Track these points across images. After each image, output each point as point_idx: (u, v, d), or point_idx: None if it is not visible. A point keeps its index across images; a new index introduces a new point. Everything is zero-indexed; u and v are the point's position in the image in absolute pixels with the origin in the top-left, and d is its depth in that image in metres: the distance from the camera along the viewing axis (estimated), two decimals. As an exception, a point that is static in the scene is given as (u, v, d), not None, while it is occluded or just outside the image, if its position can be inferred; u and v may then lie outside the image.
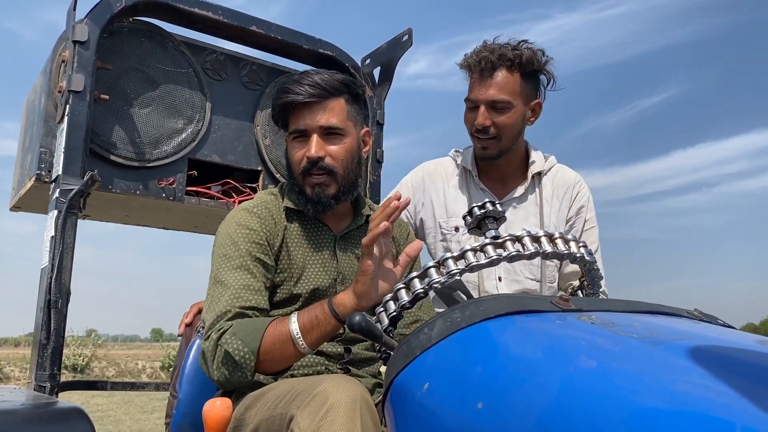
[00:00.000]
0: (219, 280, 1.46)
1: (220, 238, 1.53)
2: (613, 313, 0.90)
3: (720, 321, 1.02)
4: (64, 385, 1.88)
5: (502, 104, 1.89)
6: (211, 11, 2.08)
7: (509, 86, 1.90)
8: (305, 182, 1.55)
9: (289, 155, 1.60)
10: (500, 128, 1.91)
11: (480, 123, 1.90)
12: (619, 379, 0.67)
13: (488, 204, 1.15)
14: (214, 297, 1.45)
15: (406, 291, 1.03)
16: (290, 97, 1.54)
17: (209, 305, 1.45)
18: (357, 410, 1.05)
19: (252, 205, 1.57)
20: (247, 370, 1.33)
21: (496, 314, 0.85)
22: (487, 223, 1.13)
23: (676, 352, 0.72)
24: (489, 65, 1.88)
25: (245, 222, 1.52)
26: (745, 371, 0.68)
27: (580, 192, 2.06)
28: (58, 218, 1.76)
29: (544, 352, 0.76)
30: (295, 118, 1.57)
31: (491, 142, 1.93)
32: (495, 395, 0.73)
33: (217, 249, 1.52)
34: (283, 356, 1.34)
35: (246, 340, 1.33)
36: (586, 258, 1.11)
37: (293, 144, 1.58)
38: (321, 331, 1.32)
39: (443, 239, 2.03)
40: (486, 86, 1.89)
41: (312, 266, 1.56)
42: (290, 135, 1.58)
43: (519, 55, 1.89)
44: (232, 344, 1.34)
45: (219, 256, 1.49)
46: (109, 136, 1.97)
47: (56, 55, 1.96)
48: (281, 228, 1.56)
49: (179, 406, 1.66)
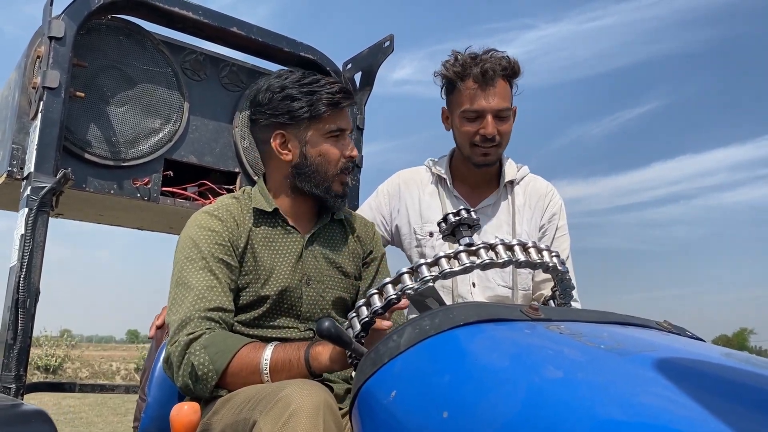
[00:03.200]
0: (182, 282, 1.44)
1: (182, 242, 1.51)
2: (582, 324, 0.90)
3: (688, 333, 1.02)
4: (30, 387, 1.85)
5: (505, 112, 1.95)
6: (191, 11, 2.06)
7: (508, 94, 1.96)
8: (338, 179, 1.59)
9: (327, 152, 1.57)
10: (503, 135, 1.97)
11: (490, 133, 1.93)
12: (585, 390, 0.67)
13: (463, 211, 1.15)
14: (177, 299, 1.43)
15: (379, 297, 1.02)
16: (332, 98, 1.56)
17: (172, 307, 1.43)
18: (320, 416, 1.04)
19: (213, 209, 1.56)
20: (207, 385, 1.34)
21: (465, 322, 0.84)
22: (461, 230, 1.13)
23: (642, 364, 0.72)
24: (492, 75, 1.91)
25: (206, 224, 1.51)
26: (708, 384, 0.68)
27: (552, 200, 2.09)
28: (29, 216, 1.73)
29: (511, 362, 0.76)
30: (338, 117, 1.58)
31: (493, 149, 1.97)
32: (461, 404, 0.73)
33: (179, 252, 1.50)
34: (246, 383, 1.33)
35: (214, 358, 1.33)
36: (558, 268, 1.12)
37: (331, 143, 1.58)
38: (289, 375, 1.31)
39: (418, 245, 2.04)
40: (492, 96, 1.92)
41: (280, 268, 1.54)
42: (329, 133, 1.57)
43: (512, 64, 1.95)
44: (199, 357, 1.33)
45: (181, 259, 1.48)
46: (83, 134, 1.94)
47: (31, 51, 1.93)
48: (245, 230, 1.54)
49: (148, 410, 1.64)
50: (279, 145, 1.57)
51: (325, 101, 1.54)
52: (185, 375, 1.35)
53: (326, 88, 1.56)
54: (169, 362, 1.39)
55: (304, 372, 1.31)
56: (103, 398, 10.06)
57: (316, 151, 1.57)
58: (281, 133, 1.57)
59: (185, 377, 1.35)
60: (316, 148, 1.57)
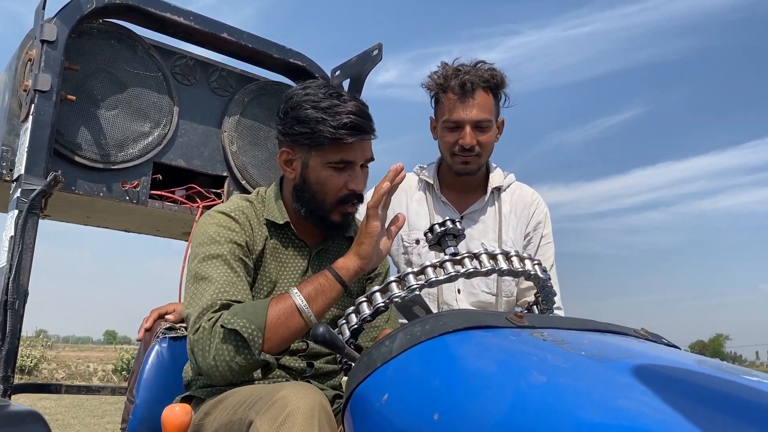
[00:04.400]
0: (202, 276, 1.41)
1: (200, 238, 1.48)
2: (564, 331, 0.94)
3: (664, 340, 1.07)
4: (17, 388, 1.85)
5: (485, 123, 1.99)
6: (182, 16, 2.09)
7: (488, 106, 2.00)
8: (338, 209, 1.53)
9: (326, 181, 1.50)
10: (483, 146, 2.01)
11: (468, 143, 1.97)
12: (567, 394, 0.72)
13: (448, 221, 1.19)
14: (197, 293, 1.39)
15: (368, 304, 1.06)
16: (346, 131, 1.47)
17: (191, 301, 1.39)
18: (315, 417, 1.07)
19: (229, 209, 1.53)
20: (254, 347, 1.28)
21: (454, 329, 0.89)
22: (446, 240, 1.17)
23: (620, 370, 0.77)
24: (471, 87, 1.96)
25: (225, 224, 1.50)
26: (681, 389, 0.73)
27: (538, 208, 2.14)
28: (19, 218, 1.73)
29: (498, 367, 0.80)
30: (342, 150, 1.47)
31: (473, 158, 2.01)
32: (451, 407, 0.77)
33: (197, 248, 1.47)
34: (290, 330, 1.31)
35: (250, 318, 1.29)
36: (540, 276, 1.16)
37: (332, 173, 1.49)
38: (326, 297, 1.33)
39: (405, 252, 2.08)
40: (470, 107, 1.97)
41: (284, 280, 1.55)
42: (331, 163, 1.48)
43: (494, 76, 1.99)
44: (237, 322, 1.29)
45: (200, 255, 1.45)
46: (74, 136, 1.95)
47: (23, 53, 1.94)
48: (262, 238, 1.54)
49: (136, 411, 1.66)
50: (284, 161, 1.56)
51: (328, 134, 1.44)
52: (223, 350, 1.29)
53: (335, 118, 1.44)
54: (196, 350, 1.33)
55: (337, 287, 1.35)
56: (79, 400, 9.96)
57: (315, 178, 1.50)
58: (287, 151, 1.55)
59: (222, 352, 1.29)
60: (315, 174, 1.50)
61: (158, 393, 1.67)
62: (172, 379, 1.66)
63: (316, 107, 1.47)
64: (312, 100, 1.48)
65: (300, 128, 1.48)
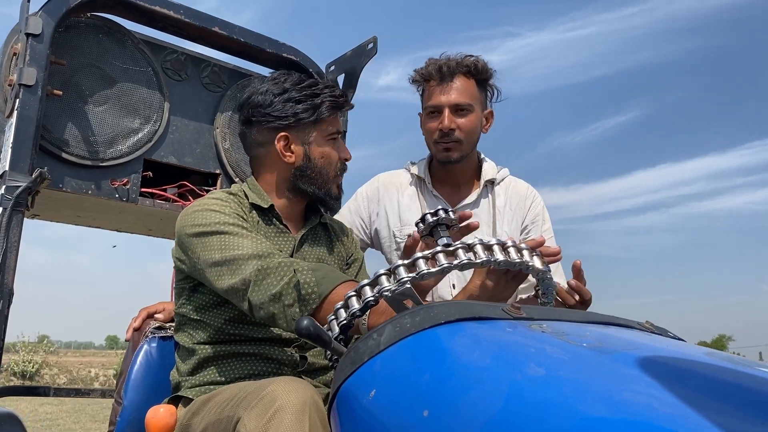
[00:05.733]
0: (228, 245, 1.36)
1: (199, 225, 1.43)
2: (565, 323, 0.89)
3: (670, 333, 1.02)
4: (3, 391, 1.81)
5: (464, 107, 1.96)
6: (172, 10, 2.04)
7: (468, 91, 1.98)
8: (335, 181, 1.63)
9: (329, 154, 1.60)
10: (463, 131, 1.97)
11: (446, 126, 1.95)
12: (567, 387, 0.66)
13: (441, 211, 1.14)
14: (231, 259, 1.33)
15: (357, 299, 1.01)
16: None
17: (231, 266, 1.33)
18: (306, 413, 1.03)
19: (215, 198, 1.51)
20: (306, 307, 1.24)
21: (446, 320, 0.83)
22: (439, 231, 1.12)
23: (624, 362, 0.71)
24: (449, 71, 1.96)
25: (220, 208, 1.47)
26: (689, 382, 0.68)
27: (534, 201, 2.09)
28: (3, 216, 1.69)
29: (492, 360, 0.75)
30: (336, 122, 1.62)
31: (454, 144, 1.98)
32: (441, 403, 0.72)
33: (203, 238, 1.40)
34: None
35: (320, 281, 1.25)
36: (539, 267, 1.11)
37: (331, 145, 1.61)
38: (382, 319, 1.21)
39: (397, 248, 2.04)
40: (448, 90, 1.96)
41: None
42: (329, 136, 1.61)
43: (474, 63, 1.98)
44: (306, 276, 1.25)
45: (210, 234, 1.40)
46: (61, 133, 1.91)
47: (8, 48, 1.90)
48: (254, 223, 1.54)
49: (123, 413, 1.61)
50: (283, 147, 1.57)
51: (328, 104, 1.57)
52: (285, 292, 1.25)
53: (327, 91, 1.59)
54: (271, 277, 1.27)
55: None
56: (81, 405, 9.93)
57: (319, 153, 1.59)
58: (285, 135, 1.57)
59: (284, 295, 1.25)
60: (320, 149, 1.59)
61: (147, 394, 1.62)
62: (161, 379, 1.61)
63: (303, 88, 1.58)
64: (294, 85, 1.59)
65: (301, 107, 1.56)
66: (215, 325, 1.48)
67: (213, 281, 1.37)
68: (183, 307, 1.54)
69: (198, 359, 1.48)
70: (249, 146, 1.66)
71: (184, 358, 1.53)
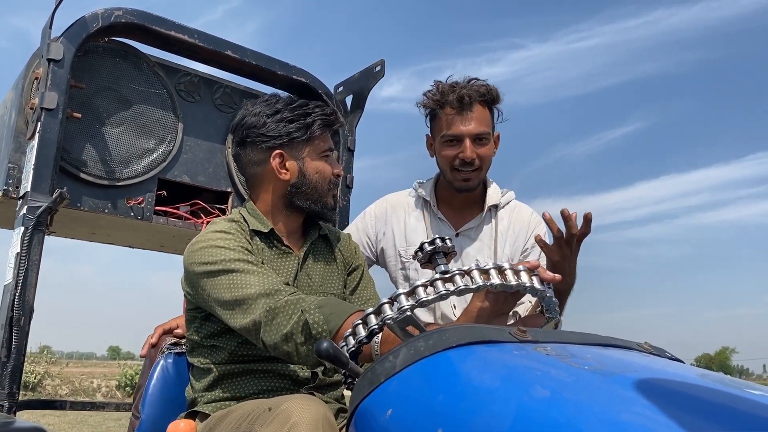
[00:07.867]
0: (237, 284, 1.40)
1: (205, 258, 1.47)
2: (568, 345, 0.94)
3: (668, 354, 1.07)
4: (22, 405, 1.86)
5: (483, 136, 2.01)
6: (187, 35, 2.11)
7: (486, 119, 2.02)
8: (330, 193, 1.69)
9: (323, 169, 1.67)
10: (482, 160, 2.02)
11: (469, 156, 1.99)
12: (571, 409, 0.72)
13: (437, 240, 1.19)
14: (241, 297, 1.38)
15: (363, 326, 1.07)
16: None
17: (242, 305, 1.37)
18: (319, 429, 1.08)
19: (218, 228, 1.55)
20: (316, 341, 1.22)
21: (457, 344, 0.89)
22: (437, 258, 1.17)
23: (624, 384, 0.77)
24: (468, 100, 1.98)
25: (226, 244, 1.50)
26: (685, 403, 0.73)
27: (538, 227, 2.13)
28: (25, 235, 1.75)
29: (502, 381, 0.81)
30: (327, 139, 1.69)
31: (473, 173, 2.03)
32: (454, 422, 0.77)
33: (210, 275, 1.45)
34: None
35: (328, 318, 1.27)
36: (538, 287, 1.15)
37: (323, 161, 1.67)
38: (392, 346, 1.29)
39: (402, 267, 2.09)
40: (469, 120, 1.99)
41: None
42: (322, 152, 1.68)
43: (490, 91, 2.02)
44: (314, 316, 1.28)
45: (218, 273, 1.44)
46: (79, 154, 1.97)
47: (29, 72, 1.97)
48: (258, 250, 1.58)
49: (141, 427, 1.66)
50: (278, 164, 1.62)
51: (319, 122, 1.64)
52: (295, 331, 1.28)
53: (318, 110, 1.65)
54: (280, 317, 1.31)
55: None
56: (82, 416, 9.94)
57: (314, 169, 1.65)
58: (280, 153, 1.62)
59: (295, 334, 1.28)
60: (314, 165, 1.65)
61: (164, 409, 1.68)
62: (178, 394, 1.67)
63: (294, 108, 1.64)
64: (286, 105, 1.65)
65: (293, 126, 1.62)
66: (228, 348, 1.53)
67: (225, 320, 1.42)
68: (195, 334, 1.59)
69: (213, 378, 1.53)
70: (244, 166, 1.70)
71: (198, 377, 1.58)
